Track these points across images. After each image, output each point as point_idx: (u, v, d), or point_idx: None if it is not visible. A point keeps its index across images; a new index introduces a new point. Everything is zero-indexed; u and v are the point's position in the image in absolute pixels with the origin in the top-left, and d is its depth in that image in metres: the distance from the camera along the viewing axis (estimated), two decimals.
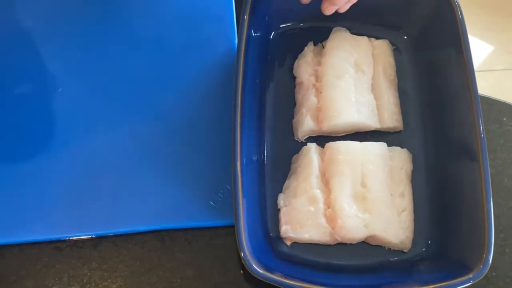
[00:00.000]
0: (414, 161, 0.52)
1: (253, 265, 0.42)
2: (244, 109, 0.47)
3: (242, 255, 0.43)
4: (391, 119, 0.53)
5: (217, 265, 0.49)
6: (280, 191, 0.50)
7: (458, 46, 0.50)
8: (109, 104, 0.54)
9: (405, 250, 0.49)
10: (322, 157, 0.51)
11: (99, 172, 0.51)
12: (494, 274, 0.50)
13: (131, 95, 0.55)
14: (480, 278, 0.43)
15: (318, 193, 0.48)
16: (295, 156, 0.52)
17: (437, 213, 0.50)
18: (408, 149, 0.52)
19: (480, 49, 1.70)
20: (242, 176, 0.45)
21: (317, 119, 0.52)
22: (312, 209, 0.47)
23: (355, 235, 0.47)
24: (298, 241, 0.49)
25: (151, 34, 0.58)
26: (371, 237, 0.48)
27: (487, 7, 1.75)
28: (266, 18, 0.56)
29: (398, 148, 0.52)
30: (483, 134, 0.47)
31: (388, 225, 0.47)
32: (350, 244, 0.49)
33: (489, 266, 0.43)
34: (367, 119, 0.52)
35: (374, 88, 0.54)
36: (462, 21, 0.51)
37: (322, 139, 0.53)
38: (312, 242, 0.48)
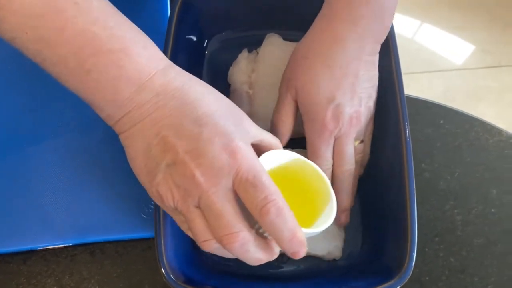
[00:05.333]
0: None
1: (173, 278, 0.41)
2: None
3: (162, 270, 0.42)
4: None
5: (148, 277, 0.48)
6: None
7: (386, 49, 0.50)
8: (37, 114, 0.54)
9: (336, 258, 0.48)
10: None
11: (28, 184, 0.51)
12: (427, 278, 0.49)
13: (57, 104, 0.54)
14: (405, 282, 0.42)
15: None
16: None
17: (369, 218, 0.50)
18: None
19: (455, 48, 1.71)
20: None
21: None
22: None
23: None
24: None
25: None
26: None
27: (461, 6, 1.76)
28: (199, 25, 0.55)
29: None
30: (409, 138, 0.46)
31: (309, 241, 0.46)
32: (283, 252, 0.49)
33: (411, 271, 0.42)
34: (299, 126, 0.51)
35: None
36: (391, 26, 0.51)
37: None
38: None
